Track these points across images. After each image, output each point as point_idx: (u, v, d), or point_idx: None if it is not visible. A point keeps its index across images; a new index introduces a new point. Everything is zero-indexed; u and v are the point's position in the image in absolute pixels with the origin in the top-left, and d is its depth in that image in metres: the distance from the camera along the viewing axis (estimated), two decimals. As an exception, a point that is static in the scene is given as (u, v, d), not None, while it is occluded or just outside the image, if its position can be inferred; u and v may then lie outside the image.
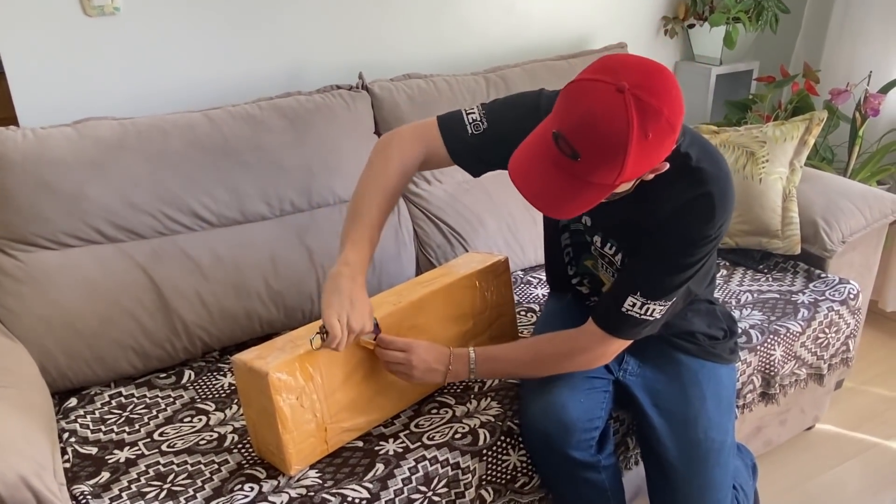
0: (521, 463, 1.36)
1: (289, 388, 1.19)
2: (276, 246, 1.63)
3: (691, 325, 1.38)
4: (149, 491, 1.22)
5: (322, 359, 1.23)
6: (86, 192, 1.47)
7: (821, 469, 1.94)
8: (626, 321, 1.23)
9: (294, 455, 1.22)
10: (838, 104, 2.33)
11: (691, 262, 1.19)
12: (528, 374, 1.35)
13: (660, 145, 1.02)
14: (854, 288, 1.81)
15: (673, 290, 1.20)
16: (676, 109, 1.01)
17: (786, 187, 1.89)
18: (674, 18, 2.52)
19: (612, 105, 0.98)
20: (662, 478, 1.35)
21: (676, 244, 1.18)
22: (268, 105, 1.69)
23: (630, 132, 0.97)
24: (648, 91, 0.98)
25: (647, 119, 0.98)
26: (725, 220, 1.18)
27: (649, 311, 1.21)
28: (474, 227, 1.84)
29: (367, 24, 1.98)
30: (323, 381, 1.23)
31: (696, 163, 1.17)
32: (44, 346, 1.42)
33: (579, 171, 1.02)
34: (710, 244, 1.18)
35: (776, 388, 1.70)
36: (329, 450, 1.28)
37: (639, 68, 1.01)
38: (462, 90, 1.90)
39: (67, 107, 1.67)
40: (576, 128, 1.00)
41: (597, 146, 0.99)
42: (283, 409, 1.18)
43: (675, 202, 1.17)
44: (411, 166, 1.30)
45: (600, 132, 0.98)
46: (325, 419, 1.25)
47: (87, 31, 1.66)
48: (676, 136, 1.04)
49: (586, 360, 1.29)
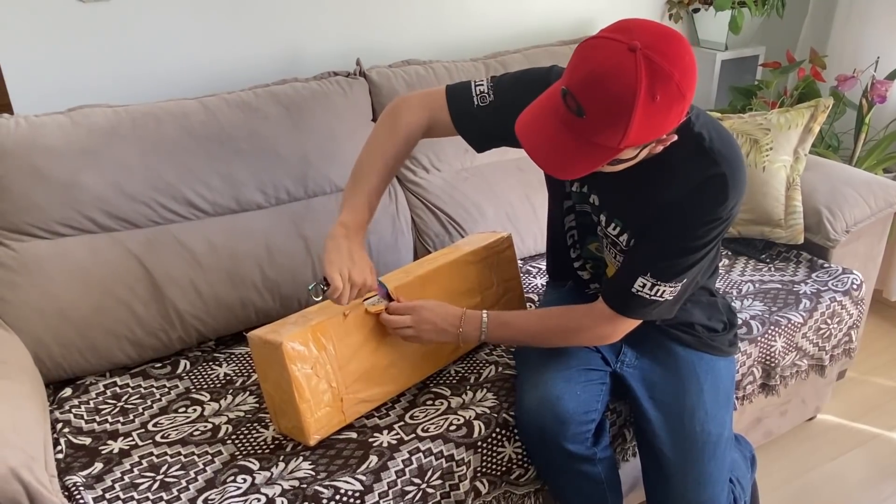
0: (517, 455, 1.35)
1: (303, 358, 1.22)
2: (272, 235, 1.62)
3: (691, 316, 1.36)
4: (142, 482, 1.21)
5: (334, 330, 1.25)
6: (79, 180, 1.46)
7: (822, 460, 1.93)
8: (636, 301, 1.21)
9: (312, 424, 1.23)
10: (844, 91, 2.29)
11: (702, 244, 1.17)
12: (536, 344, 1.35)
13: (668, 111, 0.99)
14: (857, 278, 1.79)
15: (683, 272, 1.19)
16: (688, 77, 0.99)
17: (789, 176, 1.87)
18: (678, 2, 2.48)
19: (622, 63, 0.95)
20: (658, 470, 1.34)
21: (687, 225, 1.16)
22: (264, 92, 1.67)
23: (638, 92, 0.95)
24: (661, 53, 0.96)
25: (656, 80, 0.96)
26: (737, 202, 1.16)
27: (659, 292, 1.20)
28: (473, 216, 1.82)
29: (364, 10, 1.95)
30: (336, 352, 1.26)
31: (709, 143, 1.15)
32: (37, 335, 1.42)
33: (584, 129, 1.00)
34: (721, 226, 1.16)
35: (777, 380, 1.68)
36: (346, 420, 1.29)
37: (655, 31, 0.98)
38: (461, 76, 1.88)
39: (61, 93, 1.66)
40: (583, 84, 0.98)
41: (603, 103, 0.97)
42: (299, 379, 1.21)
43: (687, 182, 1.15)
44: (415, 133, 1.31)
45: (607, 89, 0.96)
46: (340, 389, 1.27)
47: (81, 17, 1.64)
48: (686, 105, 1.01)
49: (593, 336, 1.28)
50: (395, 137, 1.30)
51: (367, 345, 1.31)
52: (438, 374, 1.47)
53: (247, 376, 1.49)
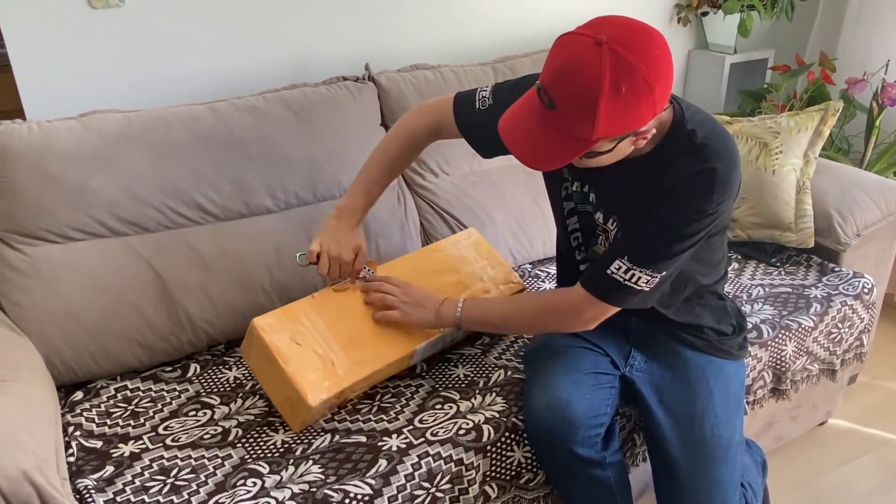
0: (526, 459, 1.35)
1: (276, 329, 1.29)
2: (281, 239, 1.63)
3: (700, 319, 1.36)
4: (152, 485, 1.22)
5: (305, 307, 1.35)
6: (91, 185, 1.47)
7: (833, 465, 1.92)
8: (610, 284, 1.21)
9: (305, 384, 1.25)
10: (855, 94, 2.28)
11: (683, 235, 1.16)
12: (511, 328, 1.38)
13: (636, 103, 1.01)
14: (868, 282, 1.78)
15: (661, 261, 1.18)
16: (656, 70, 1.01)
17: (799, 179, 1.86)
18: (687, 6, 2.48)
19: (587, 56, 0.99)
20: (669, 475, 1.33)
21: (669, 213, 1.17)
22: (273, 97, 1.67)
23: (602, 84, 0.98)
24: (627, 47, 0.99)
25: (620, 73, 0.99)
26: (725, 199, 1.16)
27: (634, 277, 1.19)
28: (482, 220, 1.82)
29: (373, 15, 1.96)
30: (313, 324, 1.33)
31: (701, 140, 1.16)
32: (49, 339, 1.42)
33: (557, 122, 1.04)
34: (706, 219, 1.16)
35: (787, 384, 1.67)
36: (344, 382, 1.29)
37: (624, 26, 1.02)
38: (470, 81, 1.88)
39: (73, 99, 1.67)
40: (553, 78, 1.03)
41: (570, 96, 1.01)
42: (278, 346, 1.27)
43: (677, 176, 1.16)
44: (420, 133, 1.41)
45: (573, 82, 1.01)
46: (329, 353, 1.31)
47: (92, 23, 1.65)
48: (657, 98, 1.03)
49: (566, 319, 1.28)
50: (400, 136, 1.41)
51: (346, 316, 1.37)
52: (447, 378, 1.47)
53: (256, 380, 1.49)
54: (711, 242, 1.28)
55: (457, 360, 1.52)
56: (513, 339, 1.59)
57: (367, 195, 1.40)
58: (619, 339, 1.41)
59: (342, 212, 1.39)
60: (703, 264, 1.32)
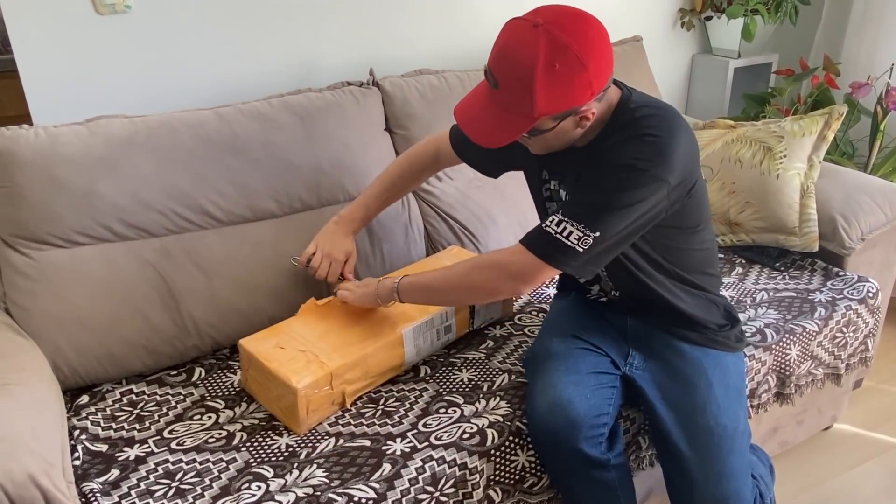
0: (530, 463, 1.35)
1: (260, 341, 1.39)
2: (286, 243, 1.63)
3: (689, 307, 1.36)
4: (157, 489, 1.22)
5: (290, 321, 1.46)
6: (97, 189, 1.48)
7: (839, 470, 1.91)
8: (543, 238, 1.20)
9: (289, 373, 1.30)
10: (859, 98, 2.28)
11: (611, 189, 1.16)
12: (446, 289, 1.33)
13: (569, 80, 1.10)
14: (873, 286, 1.78)
15: (593, 217, 1.16)
16: (590, 50, 1.10)
17: (804, 183, 1.86)
18: (690, 11, 2.48)
19: (524, 37, 1.10)
20: (680, 473, 1.33)
21: (602, 173, 1.19)
22: (278, 102, 1.68)
23: (536, 61, 1.08)
24: (562, 28, 1.09)
25: (554, 51, 1.08)
26: (662, 164, 1.15)
27: (566, 231, 1.17)
28: (485, 224, 1.82)
29: (377, 20, 1.97)
30: (297, 333, 1.42)
31: (641, 114, 1.21)
32: (55, 343, 1.43)
33: (501, 99, 1.14)
34: (640, 180, 1.15)
35: (792, 389, 1.67)
36: (329, 368, 1.33)
37: (560, 11, 1.12)
38: (473, 85, 1.88)
39: (80, 104, 1.68)
40: (496, 58, 1.14)
41: (510, 73, 1.12)
42: (262, 352, 1.36)
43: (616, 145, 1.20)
44: (419, 158, 1.56)
45: (512, 59, 1.11)
46: (313, 349, 1.37)
47: (99, 29, 1.66)
48: (590, 76, 1.11)
49: (497, 275, 1.25)
50: (401, 161, 1.58)
51: (330, 323, 1.45)
52: (451, 382, 1.47)
53: (261, 384, 1.50)
54: (674, 233, 1.29)
55: (461, 365, 1.52)
56: (517, 343, 1.59)
57: (364, 209, 1.56)
58: (618, 339, 1.41)
59: (342, 218, 1.55)
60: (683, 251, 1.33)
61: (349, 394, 1.39)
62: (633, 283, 1.34)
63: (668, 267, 1.33)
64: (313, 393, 1.31)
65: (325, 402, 1.35)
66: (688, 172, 1.21)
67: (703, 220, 1.33)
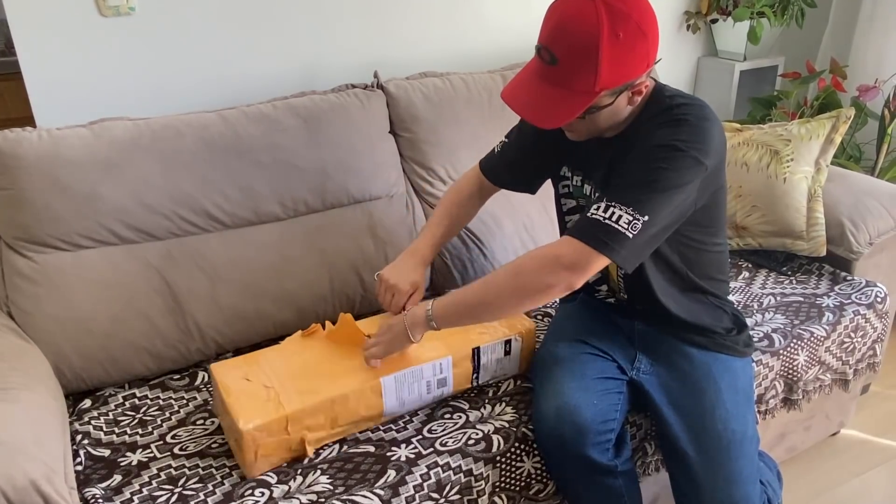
0: (536, 470, 1.34)
1: (230, 369, 1.31)
2: (290, 247, 1.62)
3: (699, 317, 1.35)
4: (160, 494, 1.21)
5: (269, 351, 1.37)
6: (100, 192, 1.47)
7: (847, 476, 1.90)
8: (591, 224, 1.15)
9: (241, 411, 1.20)
10: (866, 101, 2.27)
11: (654, 169, 1.14)
12: (490, 301, 1.22)
13: (632, 49, 1.09)
14: (881, 291, 1.76)
15: (639, 199, 1.13)
16: (646, 16, 1.10)
17: (811, 187, 1.84)
18: (696, 13, 2.47)
19: (583, 9, 1.07)
20: (687, 477, 1.32)
21: (642, 154, 1.17)
22: (282, 104, 1.67)
23: (601, 30, 1.06)
24: None
25: (616, 19, 1.07)
26: (699, 140, 1.14)
27: (614, 216, 1.13)
28: (491, 228, 1.81)
29: (382, 23, 1.96)
30: (270, 365, 1.33)
31: (676, 101, 1.20)
32: (58, 347, 1.42)
33: (560, 77, 1.11)
34: (680, 160, 1.13)
35: (799, 394, 1.66)
36: (285, 411, 1.21)
37: None
38: (478, 88, 1.88)
39: (83, 106, 1.67)
40: (552, 34, 1.10)
41: (571, 47, 1.08)
42: (226, 382, 1.27)
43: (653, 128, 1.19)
44: (466, 184, 1.54)
45: (573, 32, 1.08)
46: (277, 386, 1.27)
47: (102, 31, 1.66)
48: (649, 45, 1.11)
49: (547, 270, 1.16)
50: (450, 189, 1.56)
51: (307, 356, 1.36)
52: (456, 387, 1.46)
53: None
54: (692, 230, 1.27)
55: (466, 369, 1.51)
56: (522, 347, 1.58)
57: (430, 237, 1.49)
58: (625, 344, 1.40)
59: (413, 249, 1.48)
60: (698, 251, 1.31)
61: (311, 441, 1.26)
62: (641, 286, 1.33)
63: (679, 269, 1.32)
64: (263, 437, 1.20)
65: (279, 447, 1.23)
66: (721, 160, 1.21)
67: (720, 220, 1.33)
